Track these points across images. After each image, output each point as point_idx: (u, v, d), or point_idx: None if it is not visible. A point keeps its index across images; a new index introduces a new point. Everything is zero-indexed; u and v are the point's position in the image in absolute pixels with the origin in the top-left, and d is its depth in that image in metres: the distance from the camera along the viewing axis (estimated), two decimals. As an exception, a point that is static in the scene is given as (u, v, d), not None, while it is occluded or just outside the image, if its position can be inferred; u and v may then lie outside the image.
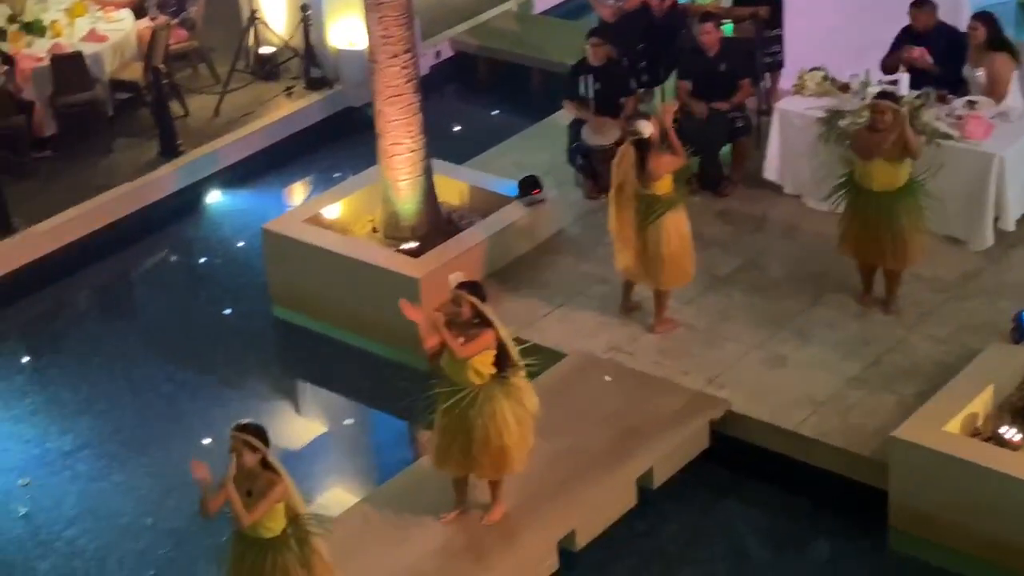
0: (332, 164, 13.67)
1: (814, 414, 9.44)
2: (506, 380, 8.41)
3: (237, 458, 7.25)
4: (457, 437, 8.46)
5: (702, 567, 9.01)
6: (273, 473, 7.32)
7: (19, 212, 12.51)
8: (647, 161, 9.82)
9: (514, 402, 8.48)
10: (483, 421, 8.37)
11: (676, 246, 9.99)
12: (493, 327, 8.27)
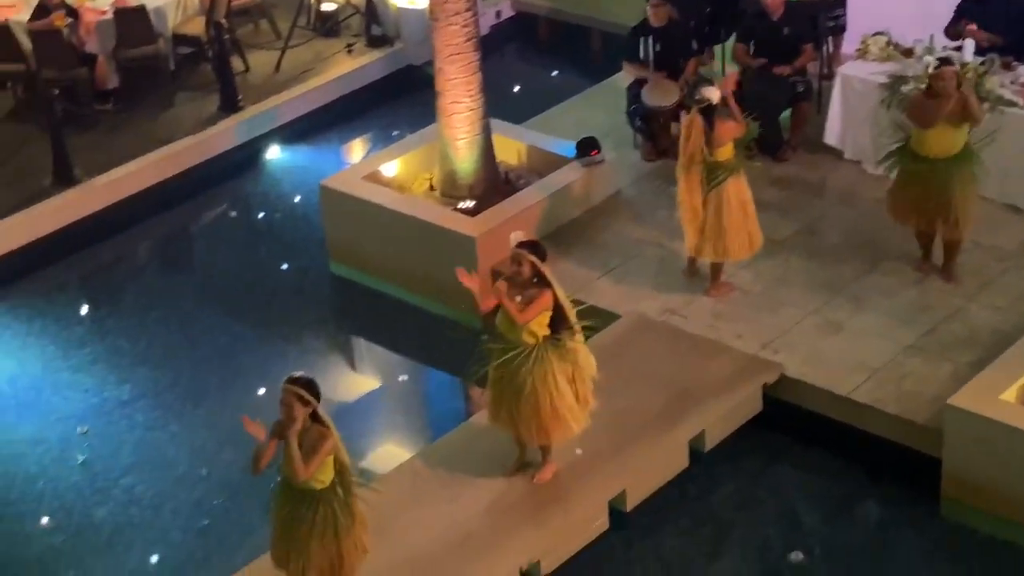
0: (391, 122, 13.70)
1: (869, 380, 9.40)
2: (560, 342, 8.41)
3: (288, 411, 7.28)
4: (506, 396, 8.49)
5: (752, 531, 9.02)
6: (322, 426, 7.36)
7: (81, 164, 12.61)
8: (713, 128, 9.78)
9: (567, 364, 8.48)
10: (533, 382, 8.37)
11: (736, 215, 9.95)
12: (552, 288, 8.26)
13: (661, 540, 8.90)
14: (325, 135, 13.79)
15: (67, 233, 12.29)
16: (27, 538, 9.32)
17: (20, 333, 11.32)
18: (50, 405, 10.48)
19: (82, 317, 11.62)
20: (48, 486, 9.70)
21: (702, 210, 9.92)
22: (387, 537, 8.36)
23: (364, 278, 11.47)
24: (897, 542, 8.83)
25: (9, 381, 10.77)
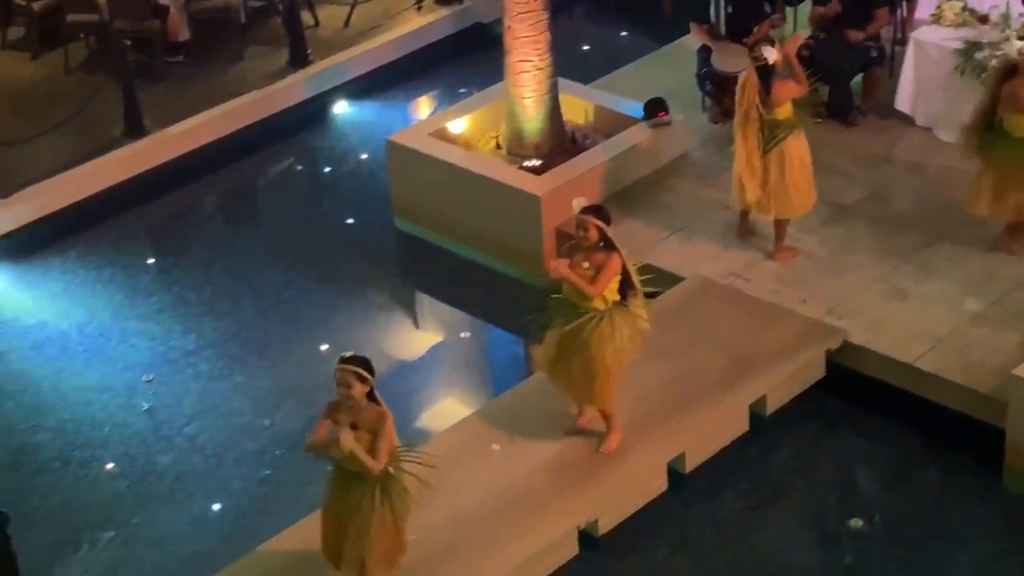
0: (458, 79, 13.68)
1: (933, 349, 9.35)
2: (627, 306, 8.41)
3: (346, 390, 7.18)
4: (571, 359, 8.46)
5: (811, 496, 9.02)
6: (378, 406, 7.28)
7: (151, 115, 12.68)
8: (770, 87, 9.75)
9: (633, 330, 8.49)
10: (600, 347, 8.36)
11: (798, 172, 9.92)
12: (618, 252, 8.24)
13: (718, 503, 8.91)
14: (392, 91, 13.80)
15: (136, 183, 12.37)
16: (93, 482, 9.43)
17: (89, 281, 11.42)
18: (117, 353, 10.59)
19: (149, 266, 11.71)
20: (114, 432, 9.82)
21: (761, 168, 9.89)
22: (446, 492, 8.40)
23: (428, 234, 11.50)
24: (957, 511, 8.81)
25: (78, 328, 10.87)
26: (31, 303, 11.22)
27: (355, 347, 10.29)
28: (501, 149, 11.48)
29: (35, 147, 12.34)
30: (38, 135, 12.41)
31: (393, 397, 9.84)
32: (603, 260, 8.22)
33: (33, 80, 13.56)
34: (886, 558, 8.52)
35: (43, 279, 11.48)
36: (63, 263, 11.64)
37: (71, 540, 8.94)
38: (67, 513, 9.16)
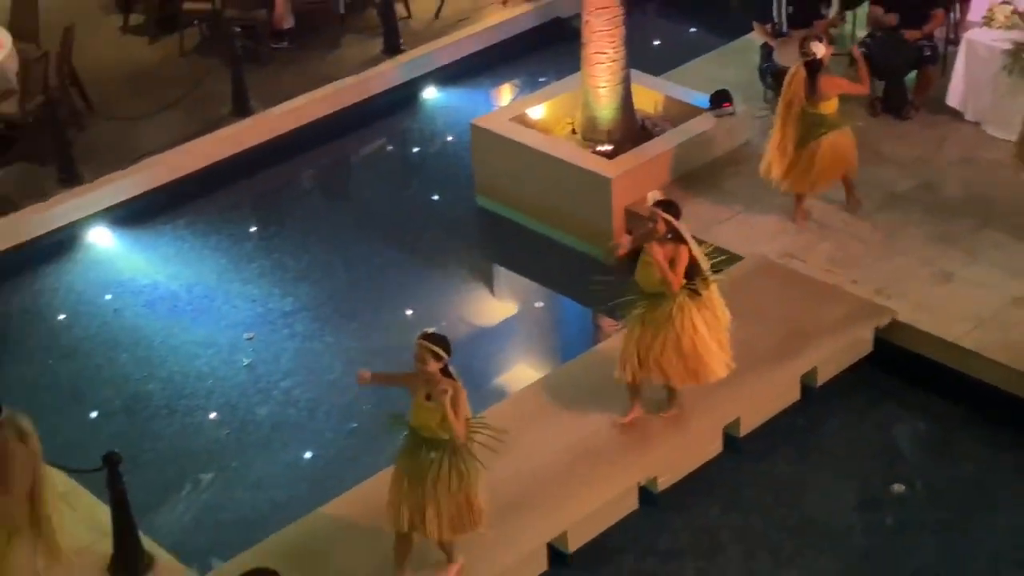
0: (538, 69, 13.65)
1: (976, 328, 9.27)
2: (695, 291, 8.37)
3: (421, 364, 7.16)
4: (650, 345, 8.39)
5: (856, 461, 8.98)
6: (453, 381, 7.22)
7: (256, 96, 12.76)
8: (817, 81, 9.69)
9: (706, 311, 8.44)
10: (676, 329, 8.33)
11: (828, 162, 9.90)
12: (687, 243, 8.22)
13: (770, 466, 8.90)
14: (477, 79, 13.78)
15: (241, 159, 12.44)
16: (197, 429, 9.55)
17: (197, 246, 11.53)
18: (221, 312, 10.70)
19: (251, 235, 11.80)
20: (216, 385, 9.93)
21: (794, 156, 9.88)
22: (516, 449, 8.40)
23: (507, 212, 11.52)
24: (994, 481, 8.73)
25: (186, 288, 10.98)
26: (145, 265, 11.33)
27: (435, 313, 10.49)
28: (576, 134, 11.48)
29: (151, 123, 12.46)
30: (154, 112, 12.54)
31: (470, 359, 9.99)
32: (673, 252, 8.21)
33: (151, 62, 13.67)
34: (925, 522, 8.47)
35: (156, 244, 11.59)
36: (174, 230, 11.74)
37: (176, 481, 9.07)
38: (173, 456, 9.29)
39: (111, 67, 13.42)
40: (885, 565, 8.18)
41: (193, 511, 8.87)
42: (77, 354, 10.34)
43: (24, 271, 11.24)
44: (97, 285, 11.12)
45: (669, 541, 8.38)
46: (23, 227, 11.40)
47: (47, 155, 11.84)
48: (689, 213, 10.12)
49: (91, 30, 13.69)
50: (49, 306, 10.92)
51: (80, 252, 11.51)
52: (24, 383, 9.67)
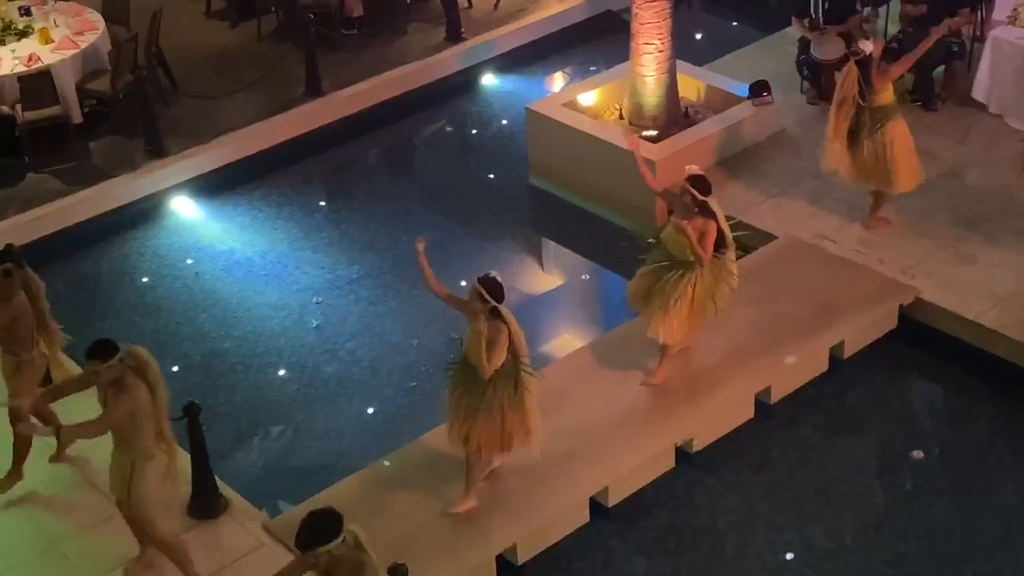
0: (589, 58, 13.62)
1: (995, 308, 9.22)
2: (718, 259, 8.39)
3: (473, 302, 7.32)
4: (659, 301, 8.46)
5: (880, 431, 8.97)
6: (500, 322, 7.33)
7: (328, 78, 12.78)
8: (870, 78, 9.56)
9: (721, 282, 8.46)
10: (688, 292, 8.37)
11: (902, 148, 9.70)
12: (714, 217, 8.24)
13: (798, 430, 8.90)
14: (532, 67, 13.75)
15: (313, 136, 12.48)
16: (269, 384, 9.65)
17: (271, 216, 11.60)
18: (292, 277, 10.76)
19: (321, 207, 11.86)
20: (287, 344, 10.02)
21: (863, 150, 9.65)
22: (561, 409, 8.53)
23: (558, 191, 11.52)
24: (1008, 449, 8.70)
25: (261, 255, 11.06)
26: (223, 232, 11.42)
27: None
28: (624, 119, 11.46)
29: (231, 102, 12.53)
30: (234, 91, 12.62)
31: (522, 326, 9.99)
32: (703, 226, 8.23)
33: (231, 45, 13.73)
34: (941, 485, 8.45)
35: (233, 213, 11.66)
36: (250, 201, 11.81)
37: (249, 431, 9.19)
38: (247, 408, 9.39)
39: (194, 49, 13.50)
40: (902, 524, 8.18)
41: (264, 459, 8.98)
42: (160, 312, 10.45)
43: (113, 236, 11.36)
44: (179, 250, 11.23)
45: (702, 498, 8.41)
46: (113, 195, 11.49)
47: (135, 129, 11.95)
48: (727, 195, 10.21)
49: (176, 14, 13.74)
50: (135, 268, 11.04)
51: (164, 219, 11.61)
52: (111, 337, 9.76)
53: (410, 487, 8.10)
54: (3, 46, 11.97)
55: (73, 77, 11.85)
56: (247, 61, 13.27)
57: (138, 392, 6.95)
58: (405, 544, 7.55)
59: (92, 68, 12.12)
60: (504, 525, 7.86)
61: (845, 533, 8.13)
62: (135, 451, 7.07)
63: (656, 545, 8.13)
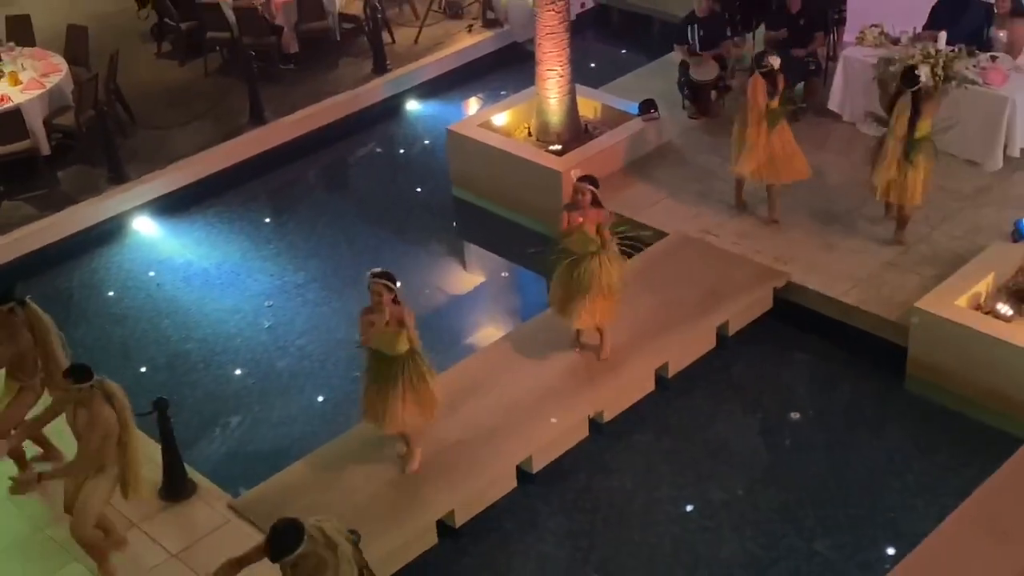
0: (499, 84, 13.59)
1: (855, 287, 9.36)
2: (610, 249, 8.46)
3: (378, 297, 7.37)
4: (576, 292, 8.50)
5: (762, 397, 9.07)
6: (403, 307, 7.43)
7: (270, 107, 12.67)
8: (776, 84, 9.67)
9: (617, 262, 8.52)
10: (599, 279, 8.42)
11: (790, 148, 9.85)
12: (602, 207, 8.36)
13: (693, 400, 8.97)
14: (450, 93, 13.71)
15: (258, 159, 12.36)
16: (228, 379, 9.55)
17: (224, 231, 11.47)
18: (245, 285, 10.65)
19: (268, 222, 11.72)
20: (243, 343, 9.91)
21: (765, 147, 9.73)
22: (487, 391, 8.57)
23: (477, 200, 11.49)
24: (870, 407, 8.85)
25: (216, 266, 10.94)
26: (181, 247, 11.26)
27: (419, 282, 10.47)
28: (532, 136, 11.46)
29: (183, 131, 12.38)
30: (185, 122, 12.48)
31: (448, 320, 10.03)
32: (598, 216, 8.32)
33: (181, 81, 13.55)
34: (815, 442, 8.58)
35: (189, 229, 11.51)
36: (204, 218, 11.66)
37: (212, 422, 9.07)
38: (208, 402, 9.28)
39: (149, 86, 13.31)
40: (785, 477, 8.28)
41: (227, 446, 8.87)
42: (127, 320, 10.29)
43: (81, 254, 11.16)
44: (142, 264, 11.06)
45: (613, 462, 8.45)
46: (80, 217, 11.31)
47: (98, 158, 11.76)
48: (624, 199, 10.28)
49: (131, 56, 13.55)
50: (103, 282, 10.86)
51: (127, 238, 11.43)
52: (84, 345, 9.56)
53: (357, 464, 8.05)
54: (-25, 88, 11.71)
55: (41, 114, 11.64)
56: (196, 95, 13.12)
57: (107, 417, 6.89)
58: (356, 514, 7.49)
59: (58, 105, 11.89)
60: (442, 493, 7.85)
61: (736, 487, 8.21)
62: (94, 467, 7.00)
63: (575, 505, 8.16)
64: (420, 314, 8.15)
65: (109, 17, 14.62)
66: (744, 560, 7.68)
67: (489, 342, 9.54)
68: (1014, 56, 11.00)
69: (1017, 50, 11.03)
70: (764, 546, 7.75)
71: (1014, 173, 10.62)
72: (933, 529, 7.43)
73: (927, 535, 7.37)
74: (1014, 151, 10.74)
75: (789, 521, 7.90)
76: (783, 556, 7.68)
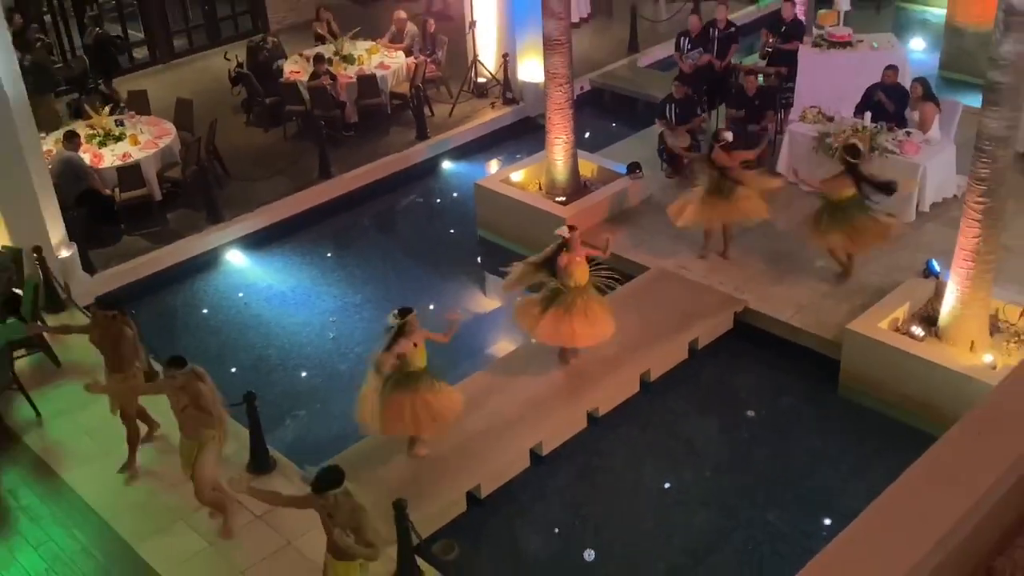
0: (515, 149, 13.65)
1: (799, 312, 9.37)
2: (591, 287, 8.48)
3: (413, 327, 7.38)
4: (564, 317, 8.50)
5: (724, 399, 9.09)
6: None
7: (334, 166, 12.70)
8: (730, 155, 9.74)
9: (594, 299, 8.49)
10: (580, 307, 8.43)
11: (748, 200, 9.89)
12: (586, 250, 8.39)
13: (669, 400, 8.99)
14: (477, 155, 13.75)
15: (325, 206, 12.38)
16: (299, 379, 9.58)
17: (297, 262, 11.51)
18: (313, 304, 10.69)
19: (330, 257, 11.75)
20: (312, 350, 9.94)
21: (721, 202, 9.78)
22: (504, 391, 8.57)
23: (499, 240, 11.51)
24: (810, 407, 8.87)
25: (291, 289, 10.99)
26: (263, 274, 11.31)
27: (449, 304, 10.42)
28: (542, 190, 11.51)
29: (266, 183, 12.41)
30: (268, 176, 12.51)
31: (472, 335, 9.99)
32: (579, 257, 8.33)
33: (265, 144, 13.61)
34: (767, 436, 8.59)
35: (270, 260, 11.56)
36: (282, 252, 11.70)
37: (287, 412, 9.11)
38: (285, 396, 9.31)
39: (239, 147, 13.38)
40: (743, 463, 8.31)
41: (299, 432, 8.91)
42: (220, 332, 10.35)
43: (185, 279, 11.22)
44: (232, 287, 11.12)
45: (606, 448, 8.47)
46: (184, 250, 11.37)
47: (199, 203, 11.82)
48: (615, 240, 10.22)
49: (226, 123, 13.63)
50: (201, 301, 10.92)
51: (221, 266, 11.49)
52: (186, 351, 9.38)
53: (401, 449, 8.05)
54: (105, 147, 11.82)
55: (155, 167, 11.74)
56: (276, 155, 13.16)
57: (206, 392, 6.90)
58: (402, 486, 7.53)
59: (168, 161, 11.99)
60: (470, 471, 7.88)
61: (705, 470, 8.23)
62: (199, 438, 7.01)
63: (577, 481, 8.18)
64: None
65: (209, 93, 14.75)
66: (710, 528, 7.70)
67: (506, 352, 9.55)
68: (924, 131, 11.06)
69: (926, 127, 11.10)
70: (726, 516, 7.78)
71: (925, 224, 10.64)
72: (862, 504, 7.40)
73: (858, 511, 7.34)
74: (924, 207, 10.76)
75: (746, 497, 7.92)
76: (742, 525, 7.70)
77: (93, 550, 7.36)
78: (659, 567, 7.39)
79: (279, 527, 7.37)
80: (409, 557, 6.78)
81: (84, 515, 7.64)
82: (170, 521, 7.55)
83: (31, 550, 7.40)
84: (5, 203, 9.89)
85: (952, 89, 13.52)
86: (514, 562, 7.51)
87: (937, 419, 7.92)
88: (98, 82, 14.19)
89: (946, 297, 8.47)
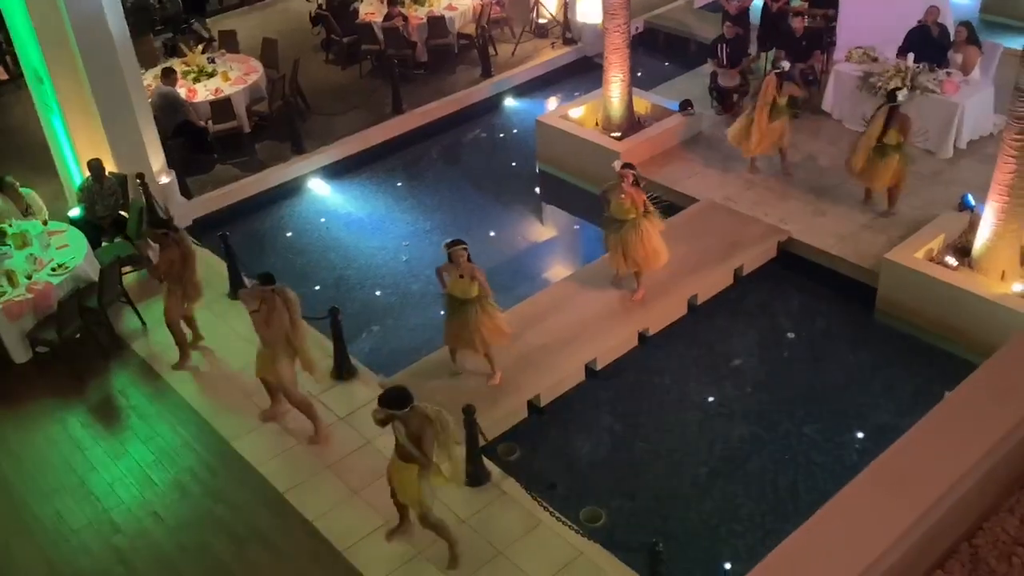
0: (574, 87, 13.48)
1: (839, 243, 9.26)
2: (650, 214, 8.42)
3: (459, 258, 7.30)
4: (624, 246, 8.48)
5: (767, 320, 9.03)
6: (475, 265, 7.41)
7: (406, 101, 12.67)
8: (782, 86, 9.60)
9: (654, 228, 8.45)
10: (637, 237, 8.38)
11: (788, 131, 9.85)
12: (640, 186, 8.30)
13: (716, 321, 8.98)
14: (538, 93, 13.62)
15: (398, 140, 12.41)
16: (376, 297, 9.66)
17: (372, 191, 11.57)
18: (387, 229, 10.75)
19: (400, 185, 11.78)
20: (387, 271, 9.99)
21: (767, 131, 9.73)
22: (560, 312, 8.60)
23: (557, 172, 11.47)
24: (848, 330, 8.80)
25: (367, 215, 11.05)
26: (343, 201, 11.40)
27: (509, 233, 10.43)
28: (599, 126, 11.41)
29: (344, 117, 12.45)
30: (345, 111, 12.55)
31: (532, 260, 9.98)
32: (636, 193, 8.24)
33: (342, 81, 13.62)
34: (806, 354, 8.57)
35: (349, 188, 11.63)
36: (359, 181, 11.77)
37: (366, 325, 9.19)
38: (363, 311, 9.42)
39: (320, 84, 13.41)
40: (782, 379, 8.31)
41: (376, 343, 9.04)
42: (304, 253, 10.47)
43: (271, 205, 11.35)
44: (315, 213, 11.22)
45: (655, 365, 8.51)
46: (271, 178, 11.49)
47: (284, 135, 11.91)
48: (666, 173, 10.19)
49: (308, 61, 13.66)
50: (287, 225, 11.05)
51: (304, 193, 11.60)
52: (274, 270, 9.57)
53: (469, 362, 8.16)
54: (198, 83, 11.93)
55: (244, 102, 11.84)
56: (353, 91, 13.18)
57: (280, 311, 7.01)
58: (469, 394, 7.66)
59: (256, 96, 12.09)
60: (531, 382, 7.99)
61: (746, 386, 8.25)
62: (277, 347, 7.14)
63: (628, 394, 8.25)
64: (511, 257, 8.16)
65: (292, 33, 14.75)
66: (751, 437, 7.76)
67: (564, 276, 9.56)
68: (965, 73, 10.69)
69: (968, 70, 10.72)
70: (765, 428, 7.82)
71: (961, 160, 10.38)
72: (892, 420, 7.42)
73: (888, 426, 7.37)
74: (961, 144, 10.49)
75: (784, 412, 7.95)
76: (780, 437, 7.74)
77: (195, 444, 7.66)
78: (701, 471, 7.49)
79: (360, 427, 7.59)
80: (476, 456, 6.96)
81: (186, 413, 7.94)
82: (246, 430, 7.77)
83: (140, 444, 7.73)
84: (111, 133, 10.09)
85: (992, 31, 12.98)
86: (569, 463, 7.66)
87: (967, 344, 7.85)
88: (191, 22, 14.26)
89: (980, 229, 8.31)
